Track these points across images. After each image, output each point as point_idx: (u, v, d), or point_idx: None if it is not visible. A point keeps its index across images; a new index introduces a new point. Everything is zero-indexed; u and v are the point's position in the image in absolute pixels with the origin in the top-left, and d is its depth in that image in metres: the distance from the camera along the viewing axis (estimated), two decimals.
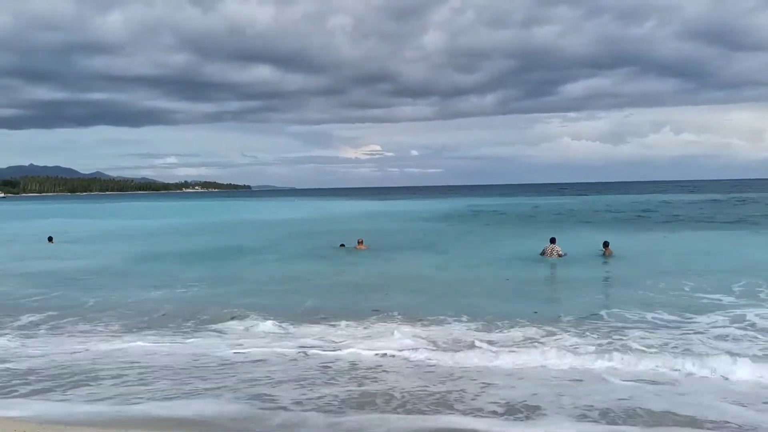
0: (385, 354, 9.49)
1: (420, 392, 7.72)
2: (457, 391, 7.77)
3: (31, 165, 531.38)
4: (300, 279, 17.71)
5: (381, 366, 8.95)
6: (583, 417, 6.84)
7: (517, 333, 10.65)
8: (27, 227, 45.14)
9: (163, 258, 23.42)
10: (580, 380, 8.14)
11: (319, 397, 7.57)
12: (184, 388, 8.02)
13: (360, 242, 24.32)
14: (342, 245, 24.94)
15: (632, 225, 36.63)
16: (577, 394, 7.55)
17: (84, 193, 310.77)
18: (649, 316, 11.78)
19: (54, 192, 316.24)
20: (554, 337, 10.31)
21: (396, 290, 15.46)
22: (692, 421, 6.70)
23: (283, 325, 11.59)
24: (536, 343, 9.91)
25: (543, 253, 21.09)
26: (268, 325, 11.61)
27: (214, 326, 11.76)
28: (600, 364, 8.70)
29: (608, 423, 6.68)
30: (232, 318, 12.33)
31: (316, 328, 11.31)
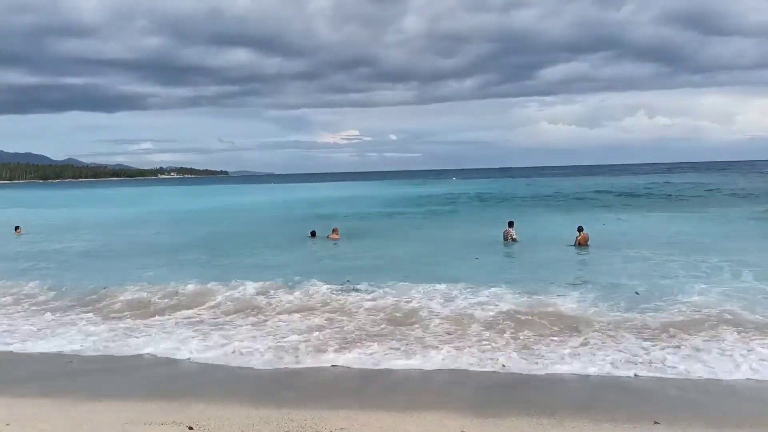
0: None
1: None
2: None
3: (1, 152, 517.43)
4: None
5: None
6: None
7: None
8: None
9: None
10: None
11: None
12: None
13: (334, 231, 23.31)
14: (312, 233, 23.78)
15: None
16: None
17: (56, 180, 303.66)
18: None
19: (25, 179, 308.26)
20: None
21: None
22: None
23: None
24: None
25: (504, 236, 20.94)
26: None
27: None
28: None
29: None
30: None
31: None
